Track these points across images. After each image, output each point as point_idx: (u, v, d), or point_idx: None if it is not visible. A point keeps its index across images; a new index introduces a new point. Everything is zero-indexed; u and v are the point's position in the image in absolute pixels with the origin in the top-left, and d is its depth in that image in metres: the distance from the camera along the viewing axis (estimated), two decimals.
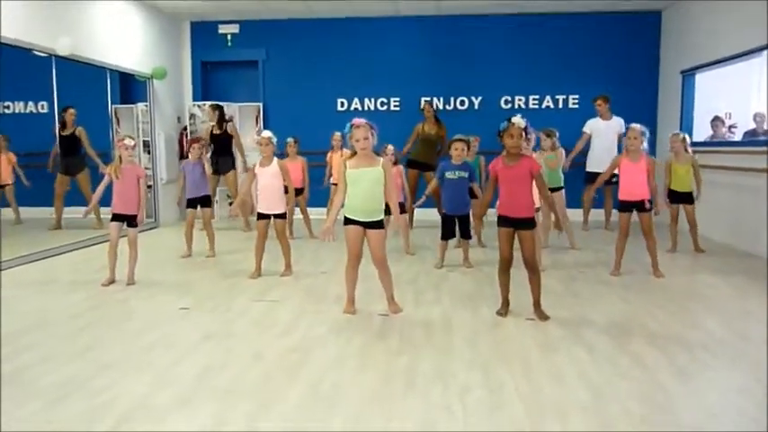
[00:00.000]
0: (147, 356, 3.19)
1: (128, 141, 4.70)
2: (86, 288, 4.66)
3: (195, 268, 5.43)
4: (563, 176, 6.08)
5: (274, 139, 4.92)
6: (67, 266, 5.52)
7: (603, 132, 7.24)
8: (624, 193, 4.90)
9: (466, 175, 5.23)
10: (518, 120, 3.67)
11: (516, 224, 3.75)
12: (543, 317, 3.79)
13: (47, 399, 2.65)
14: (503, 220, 3.78)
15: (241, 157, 7.66)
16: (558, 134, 6.00)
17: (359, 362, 3.10)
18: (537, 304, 3.84)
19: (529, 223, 3.76)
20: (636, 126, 4.80)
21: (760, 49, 6.02)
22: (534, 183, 3.76)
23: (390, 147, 6.12)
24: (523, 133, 3.66)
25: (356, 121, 3.73)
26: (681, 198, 5.82)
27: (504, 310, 3.87)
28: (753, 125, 7.05)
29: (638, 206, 4.85)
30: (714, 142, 7.02)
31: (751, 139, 6.83)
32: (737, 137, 7.19)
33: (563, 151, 6.10)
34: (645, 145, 4.80)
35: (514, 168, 3.71)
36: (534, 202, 3.87)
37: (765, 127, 6.95)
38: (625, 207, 4.92)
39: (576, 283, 4.73)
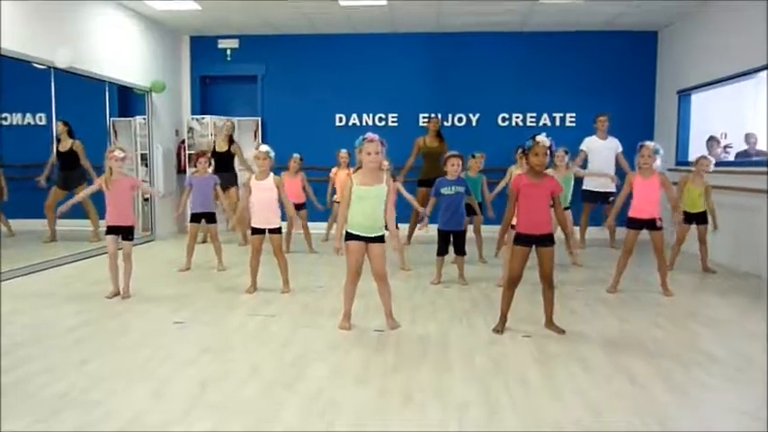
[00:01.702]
0: (144, 370, 3.18)
1: (117, 153, 4.65)
2: (82, 301, 4.64)
3: (192, 282, 5.42)
4: (570, 197, 6.14)
5: (272, 154, 4.93)
6: (63, 279, 5.50)
7: (600, 151, 7.30)
8: (635, 211, 4.88)
9: (462, 189, 5.27)
10: (542, 138, 3.73)
11: (536, 241, 3.77)
12: (559, 330, 3.83)
13: (43, 412, 2.63)
14: (522, 239, 3.79)
15: (248, 174, 7.60)
16: (570, 154, 6.07)
17: (355, 377, 3.09)
18: (550, 319, 3.89)
19: (548, 239, 3.78)
20: (649, 144, 4.82)
21: (755, 71, 6.10)
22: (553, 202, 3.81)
23: (385, 162, 6.12)
24: (548, 151, 3.71)
25: (370, 135, 3.78)
26: (694, 218, 5.78)
27: (501, 326, 3.88)
28: (746, 146, 7.13)
29: (649, 224, 4.84)
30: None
31: (744, 159, 6.89)
32: (731, 157, 7.25)
33: (575, 168, 6.15)
34: (658, 162, 4.81)
35: (538, 186, 3.75)
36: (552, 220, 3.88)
37: (758, 148, 7.02)
38: (635, 224, 4.88)
39: (574, 300, 4.74)
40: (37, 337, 3.72)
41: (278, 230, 4.97)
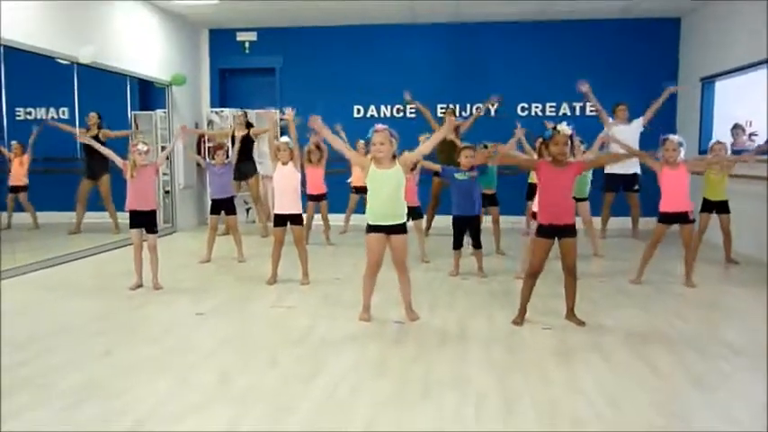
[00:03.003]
0: (165, 361, 3.22)
1: (141, 147, 4.70)
2: (105, 293, 4.72)
3: (213, 274, 5.47)
4: (589, 187, 6.06)
5: (291, 145, 4.95)
6: (87, 271, 5.59)
7: (622, 135, 7.20)
8: (666, 205, 4.80)
9: (475, 174, 5.22)
10: (563, 127, 3.67)
11: (559, 233, 3.73)
12: (579, 322, 3.80)
13: (66, 401, 2.68)
14: (545, 230, 3.75)
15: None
16: (585, 144, 5.97)
17: (374, 368, 3.10)
18: (571, 310, 3.87)
19: (571, 230, 3.74)
20: (673, 137, 4.75)
21: None
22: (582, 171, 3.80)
23: (406, 153, 6.10)
24: (569, 141, 3.66)
25: (379, 126, 3.79)
26: (715, 207, 5.70)
27: (521, 318, 3.86)
28: None
29: (682, 218, 4.77)
30: (735, 150, 6.92)
31: None
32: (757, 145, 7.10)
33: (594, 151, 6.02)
34: (682, 155, 4.74)
35: (562, 174, 3.69)
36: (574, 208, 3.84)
37: None
38: (667, 219, 4.81)
39: (595, 291, 4.69)
40: (59, 328, 3.79)
41: (299, 220, 4.99)
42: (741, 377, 2.99)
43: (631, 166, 7.09)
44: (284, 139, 5.00)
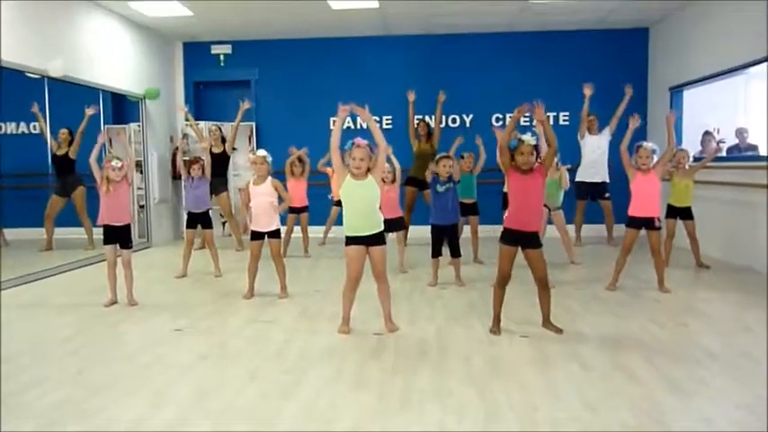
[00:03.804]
0: (142, 378, 3.17)
1: (115, 163, 4.66)
2: (78, 310, 4.63)
3: (189, 288, 5.41)
4: (563, 197, 6.14)
5: (269, 159, 4.93)
6: (59, 288, 5.49)
7: (593, 146, 7.37)
8: (635, 209, 4.90)
9: (452, 186, 5.26)
10: (528, 138, 3.72)
11: (522, 241, 3.76)
12: (556, 329, 3.84)
13: (40, 421, 2.63)
14: (508, 236, 3.79)
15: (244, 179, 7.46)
16: (558, 155, 6.01)
17: (354, 381, 3.09)
18: (547, 318, 3.90)
19: (535, 241, 3.78)
20: (648, 145, 4.86)
21: (745, 66, 6.13)
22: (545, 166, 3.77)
23: (387, 166, 6.13)
24: (534, 151, 3.70)
25: (358, 140, 3.77)
26: (679, 213, 5.84)
27: (497, 327, 3.88)
28: (736, 140, 7.16)
29: (648, 223, 4.87)
30: (704, 157, 7.08)
31: (736, 154, 6.92)
32: (724, 152, 7.27)
33: (565, 171, 6.09)
34: (655, 161, 4.84)
35: (530, 179, 3.73)
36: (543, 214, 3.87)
37: (749, 142, 7.06)
38: (635, 223, 4.92)
39: (571, 298, 4.74)
40: (32, 347, 3.72)
41: (277, 234, 4.97)
42: (717, 382, 3.04)
43: (598, 175, 7.28)
44: (261, 152, 4.97)
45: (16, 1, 5.59)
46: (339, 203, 7.27)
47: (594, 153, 7.36)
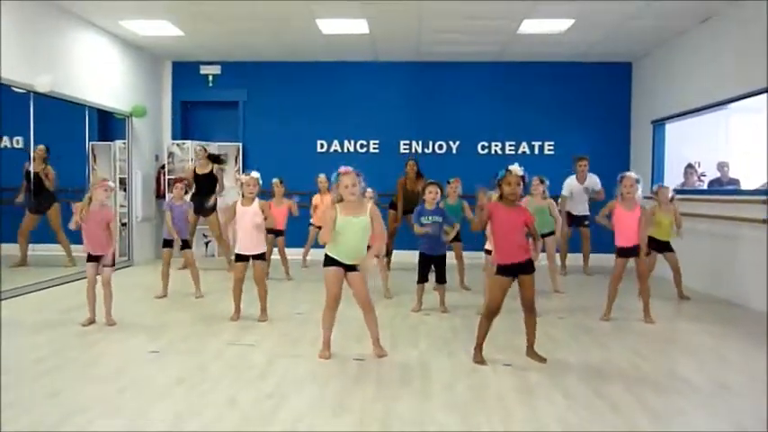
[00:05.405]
0: (118, 401, 3.10)
1: (111, 184, 4.69)
2: (53, 329, 4.52)
3: (169, 309, 5.33)
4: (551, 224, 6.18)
5: (261, 181, 4.92)
6: (33, 306, 5.36)
7: (579, 193, 7.47)
8: (622, 240, 4.97)
9: (440, 220, 5.29)
10: (515, 168, 3.73)
11: (517, 271, 3.76)
12: (540, 358, 3.81)
13: None
14: (503, 270, 3.78)
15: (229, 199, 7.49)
16: (547, 183, 6.07)
17: (335, 407, 3.04)
18: (532, 347, 3.87)
19: (530, 266, 3.78)
20: (631, 175, 4.95)
21: (726, 102, 6.26)
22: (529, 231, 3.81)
23: (369, 190, 6.13)
24: (521, 181, 3.72)
25: (343, 168, 3.76)
26: (661, 246, 5.90)
27: (480, 357, 3.83)
28: (718, 174, 7.29)
29: (636, 252, 4.93)
30: (686, 190, 7.19)
31: (717, 188, 7.04)
32: (705, 185, 7.40)
33: (553, 202, 6.13)
34: (639, 192, 4.93)
35: (513, 213, 3.74)
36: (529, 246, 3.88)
37: (730, 176, 7.18)
38: (624, 253, 4.98)
39: (556, 328, 4.74)
40: (4, 367, 3.62)
41: (262, 257, 4.92)
42: (696, 412, 3.04)
43: (581, 207, 7.48)
44: (254, 174, 4.93)
45: (8, 17, 5.57)
46: (319, 228, 7.29)
47: (581, 196, 7.51)
